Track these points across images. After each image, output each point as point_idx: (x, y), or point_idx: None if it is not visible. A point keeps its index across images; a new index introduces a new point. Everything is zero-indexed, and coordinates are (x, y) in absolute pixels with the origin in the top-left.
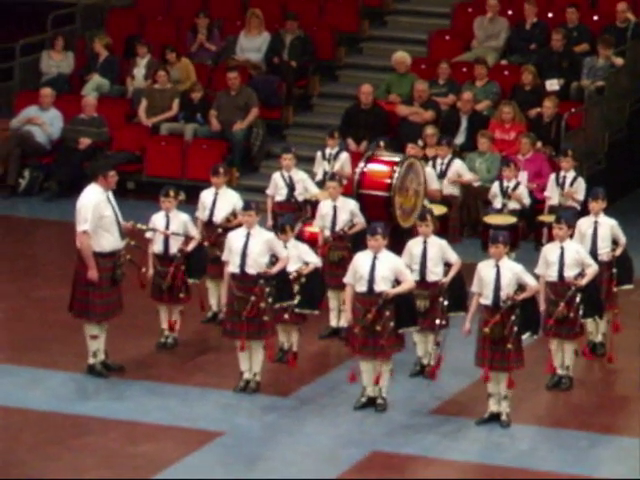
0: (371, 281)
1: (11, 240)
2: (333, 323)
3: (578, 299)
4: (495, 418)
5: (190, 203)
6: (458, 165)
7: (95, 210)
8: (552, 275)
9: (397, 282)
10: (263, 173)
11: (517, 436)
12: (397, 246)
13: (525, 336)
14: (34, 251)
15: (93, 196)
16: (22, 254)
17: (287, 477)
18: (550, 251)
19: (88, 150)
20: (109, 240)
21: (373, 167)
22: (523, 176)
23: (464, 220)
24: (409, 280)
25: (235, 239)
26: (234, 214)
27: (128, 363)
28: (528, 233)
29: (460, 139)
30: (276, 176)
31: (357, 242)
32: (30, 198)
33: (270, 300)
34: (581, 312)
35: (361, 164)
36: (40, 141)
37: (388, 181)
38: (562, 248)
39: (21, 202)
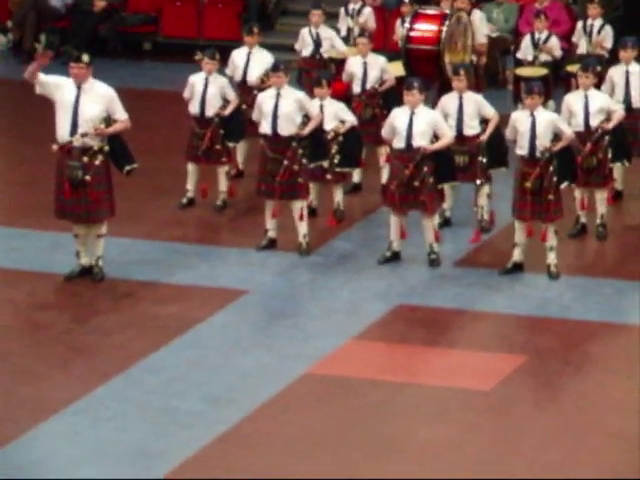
0: (409, 137)
1: (29, 106)
2: (356, 179)
3: (605, 142)
4: (518, 268)
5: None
6: (478, 16)
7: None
8: (578, 124)
9: (435, 138)
10: (279, 30)
11: (542, 285)
12: None
13: (563, 185)
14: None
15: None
16: (41, 119)
17: (311, 333)
18: (574, 100)
19: (103, 12)
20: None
21: (421, 22)
22: None
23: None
24: (448, 135)
25: (265, 100)
26: (268, 74)
27: (151, 224)
28: (556, 85)
29: None
30: (304, 32)
31: (388, 98)
32: None
33: (304, 161)
34: (609, 156)
35: (408, 19)
36: (55, 5)
37: (437, 35)
38: (586, 97)
39: None
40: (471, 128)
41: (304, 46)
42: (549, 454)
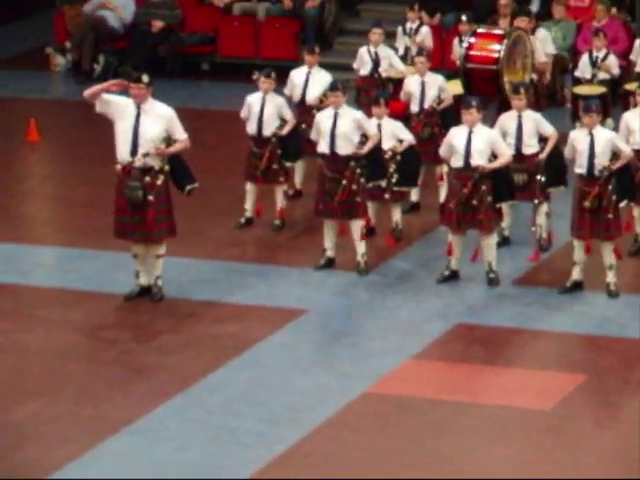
0: (467, 155)
1: (88, 126)
2: (414, 198)
3: None
4: (578, 286)
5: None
6: (542, 35)
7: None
8: (636, 142)
9: (494, 156)
10: (337, 50)
11: (601, 304)
12: None
13: (622, 204)
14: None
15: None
16: (99, 139)
17: (370, 352)
18: (632, 118)
19: (161, 33)
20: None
21: (480, 41)
22: None
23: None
24: (506, 153)
25: (323, 120)
26: (326, 94)
27: (210, 243)
28: (614, 103)
29: (534, 7)
30: (362, 50)
31: (446, 117)
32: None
33: (362, 180)
34: None
35: (466, 38)
36: (113, 25)
37: (496, 55)
38: None
39: None
40: (530, 147)
41: (362, 65)
42: (610, 473)
